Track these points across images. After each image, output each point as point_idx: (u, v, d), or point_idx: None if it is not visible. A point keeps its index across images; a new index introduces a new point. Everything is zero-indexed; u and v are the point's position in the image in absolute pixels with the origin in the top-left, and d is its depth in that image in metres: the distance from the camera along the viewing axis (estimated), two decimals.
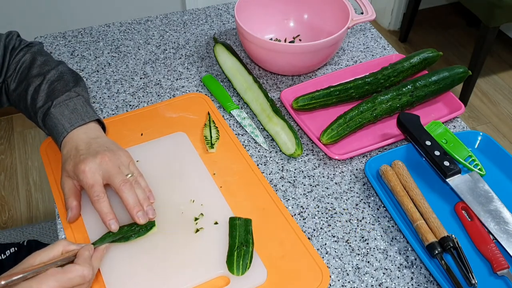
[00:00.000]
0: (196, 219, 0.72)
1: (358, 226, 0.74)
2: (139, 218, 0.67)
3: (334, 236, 0.72)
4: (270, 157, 0.83)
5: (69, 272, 0.58)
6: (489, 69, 2.41)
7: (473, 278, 0.65)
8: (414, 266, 0.69)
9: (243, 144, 0.85)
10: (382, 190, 0.76)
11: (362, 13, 1.00)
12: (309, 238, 0.72)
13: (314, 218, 0.75)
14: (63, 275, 0.57)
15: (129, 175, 0.70)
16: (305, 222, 0.74)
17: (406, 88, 0.87)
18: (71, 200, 0.70)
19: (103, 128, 0.79)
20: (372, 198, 0.78)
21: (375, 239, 0.72)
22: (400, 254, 0.71)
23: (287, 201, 0.77)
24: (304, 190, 0.78)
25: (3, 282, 0.55)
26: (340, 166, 0.82)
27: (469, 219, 0.73)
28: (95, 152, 0.69)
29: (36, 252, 0.60)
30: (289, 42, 1.06)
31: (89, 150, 0.70)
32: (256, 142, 0.86)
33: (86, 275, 0.59)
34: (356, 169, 0.82)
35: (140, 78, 0.97)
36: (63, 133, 0.73)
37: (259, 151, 0.84)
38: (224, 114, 0.90)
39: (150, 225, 0.69)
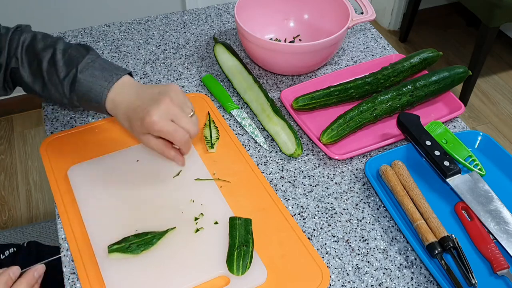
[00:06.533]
0: (196, 219, 0.72)
1: (358, 226, 0.74)
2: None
3: (334, 236, 0.72)
4: (270, 157, 0.83)
5: None
6: (489, 69, 2.41)
7: (473, 278, 0.65)
8: (414, 266, 0.69)
9: (243, 144, 0.85)
10: (382, 190, 0.76)
11: (362, 13, 1.00)
12: (309, 238, 0.72)
13: (314, 218, 0.75)
14: None
15: (191, 114, 0.69)
16: (305, 222, 0.74)
17: (406, 88, 0.87)
18: (168, 151, 0.71)
19: None
20: (372, 198, 0.78)
21: (375, 239, 0.72)
22: (400, 254, 0.71)
23: (287, 201, 0.77)
24: (304, 190, 0.78)
25: None
26: (340, 166, 0.82)
27: (469, 219, 0.73)
28: (153, 100, 0.67)
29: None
30: (289, 42, 1.06)
31: (144, 100, 0.68)
32: (256, 142, 0.86)
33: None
34: (356, 169, 0.82)
35: (140, 78, 0.97)
36: (103, 91, 0.69)
37: (259, 151, 0.84)
38: (224, 114, 0.90)
39: (158, 236, 0.68)
